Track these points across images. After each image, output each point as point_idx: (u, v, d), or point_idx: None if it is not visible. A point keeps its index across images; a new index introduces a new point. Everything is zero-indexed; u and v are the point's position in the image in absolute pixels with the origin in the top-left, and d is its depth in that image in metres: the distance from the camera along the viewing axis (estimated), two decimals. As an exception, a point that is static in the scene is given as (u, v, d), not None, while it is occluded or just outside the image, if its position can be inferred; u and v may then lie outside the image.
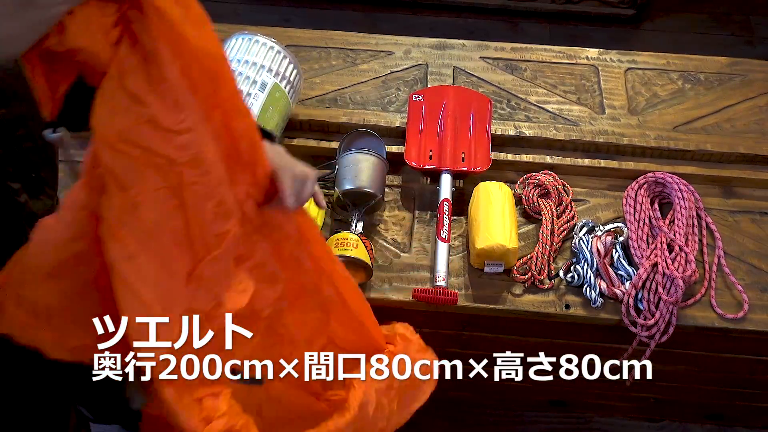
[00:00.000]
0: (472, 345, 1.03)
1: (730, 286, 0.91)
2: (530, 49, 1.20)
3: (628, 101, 1.11)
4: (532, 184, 0.98)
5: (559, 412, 1.29)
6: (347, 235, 0.88)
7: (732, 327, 0.88)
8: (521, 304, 0.89)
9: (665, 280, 0.87)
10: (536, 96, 1.12)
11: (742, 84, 1.15)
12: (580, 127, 1.07)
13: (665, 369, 1.03)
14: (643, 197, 0.96)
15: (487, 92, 1.12)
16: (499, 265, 0.90)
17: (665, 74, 1.16)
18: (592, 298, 0.88)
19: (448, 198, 0.94)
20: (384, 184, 0.96)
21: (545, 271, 0.91)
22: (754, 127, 1.08)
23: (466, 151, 1.00)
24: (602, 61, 1.18)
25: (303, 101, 1.09)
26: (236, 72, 0.94)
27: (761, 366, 1.00)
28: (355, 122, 1.06)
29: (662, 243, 0.90)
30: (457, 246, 0.95)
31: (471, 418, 1.32)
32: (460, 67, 1.16)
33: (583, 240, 0.91)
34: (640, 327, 0.87)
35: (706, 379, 1.06)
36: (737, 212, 0.99)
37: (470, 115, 1.04)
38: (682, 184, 0.96)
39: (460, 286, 0.90)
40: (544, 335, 0.98)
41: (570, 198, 0.98)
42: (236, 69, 0.94)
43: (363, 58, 1.17)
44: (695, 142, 1.05)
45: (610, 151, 1.05)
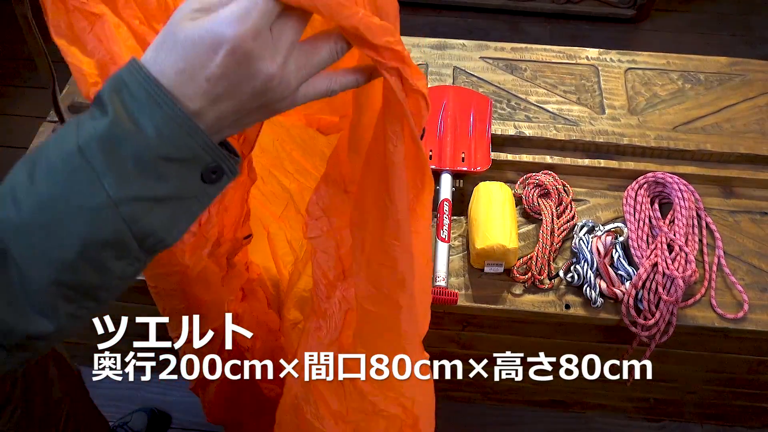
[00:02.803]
0: (472, 345, 1.03)
1: (730, 286, 0.91)
2: (530, 49, 1.20)
3: (628, 101, 1.11)
4: (532, 184, 0.98)
5: (559, 412, 1.29)
6: (347, 235, 0.88)
7: (732, 327, 0.88)
8: (521, 304, 0.89)
9: (665, 280, 0.87)
10: (536, 96, 1.12)
11: (742, 84, 1.15)
12: (580, 127, 1.07)
13: (665, 369, 1.03)
14: (643, 197, 0.96)
15: (487, 92, 1.12)
16: (499, 265, 0.90)
17: (665, 74, 1.16)
18: (592, 298, 0.88)
19: (448, 198, 0.94)
20: (384, 184, 0.96)
21: (545, 271, 0.91)
22: (754, 127, 1.08)
23: (466, 151, 1.00)
24: (602, 61, 1.18)
25: (303, 101, 1.09)
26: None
27: (761, 366, 1.00)
28: (355, 122, 1.06)
29: (662, 243, 0.90)
30: (457, 246, 0.95)
31: (471, 418, 1.32)
32: (460, 67, 1.16)
33: (583, 240, 0.91)
34: (640, 327, 0.87)
35: (706, 379, 1.06)
36: (737, 212, 0.99)
37: (470, 115, 1.04)
38: (682, 184, 0.96)
39: (460, 286, 0.90)
40: (544, 335, 0.98)
41: (570, 198, 0.98)
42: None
43: (363, 58, 1.17)
44: (695, 142, 1.05)
45: (610, 151, 1.05)
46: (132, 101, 0.40)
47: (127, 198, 0.40)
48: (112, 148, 0.40)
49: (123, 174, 0.40)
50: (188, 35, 0.39)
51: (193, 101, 0.40)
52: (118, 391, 1.21)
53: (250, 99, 0.42)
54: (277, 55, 0.41)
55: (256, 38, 0.40)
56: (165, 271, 0.69)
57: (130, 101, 0.40)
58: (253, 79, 0.41)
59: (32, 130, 1.06)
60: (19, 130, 1.96)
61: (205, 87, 0.40)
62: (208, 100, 0.41)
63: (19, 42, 0.90)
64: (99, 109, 0.40)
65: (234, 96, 0.41)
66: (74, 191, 0.40)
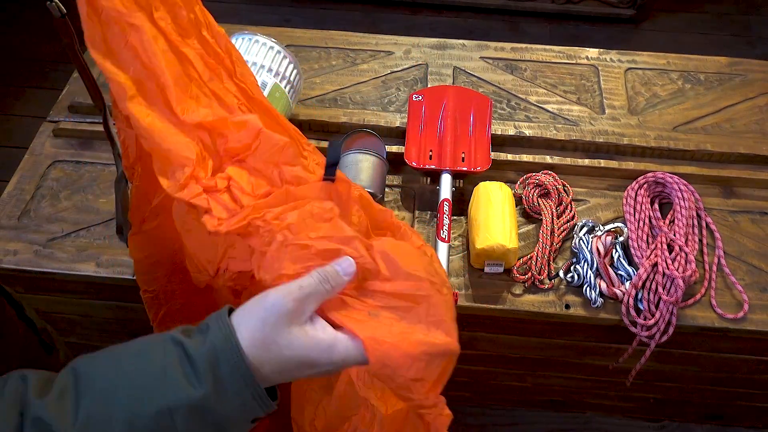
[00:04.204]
0: (472, 345, 1.03)
1: (730, 286, 0.91)
2: (530, 49, 1.20)
3: (628, 101, 1.11)
4: (532, 184, 0.98)
5: (559, 412, 1.29)
6: (347, 235, 0.88)
7: (732, 327, 0.88)
8: (521, 304, 0.89)
9: (665, 280, 0.87)
10: (536, 96, 1.12)
11: (742, 84, 1.15)
12: (580, 127, 1.07)
13: (665, 369, 1.03)
14: (643, 197, 0.96)
15: (487, 92, 1.12)
16: (499, 265, 0.90)
17: (665, 74, 1.16)
18: (592, 298, 0.88)
19: (448, 198, 0.94)
20: (384, 184, 0.96)
21: (545, 271, 0.91)
22: (754, 127, 1.08)
23: (466, 151, 1.00)
24: (602, 61, 1.18)
25: (303, 101, 1.09)
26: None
27: (761, 366, 1.00)
28: (355, 122, 1.06)
29: (662, 243, 0.90)
30: (457, 246, 0.95)
31: (471, 418, 1.32)
32: (460, 67, 1.16)
33: (583, 240, 0.91)
34: (640, 327, 0.87)
35: (706, 379, 1.06)
36: (737, 212, 0.99)
37: (470, 115, 1.04)
38: (682, 184, 0.96)
39: (460, 286, 0.90)
40: (544, 335, 0.98)
41: (570, 198, 0.98)
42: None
43: (363, 58, 1.17)
44: (695, 142, 1.05)
45: (610, 151, 1.05)
46: (227, 380, 0.47)
47: None
48: (199, 416, 0.46)
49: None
50: (294, 354, 0.49)
51: (272, 383, 0.51)
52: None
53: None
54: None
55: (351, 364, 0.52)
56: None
57: (226, 380, 0.47)
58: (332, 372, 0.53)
59: (32, 130, 1.06)
60: (19, 130, 1.96)
61: (288, 379, 0.51)
62: (285, 378, 0.51)
63: (19, 42, 0.91)
64: (194, 375, 0.47)
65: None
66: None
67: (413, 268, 0.54)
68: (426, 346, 0.50)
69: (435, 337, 0.51)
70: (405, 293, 0.53)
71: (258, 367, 0.48)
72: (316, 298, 0.51)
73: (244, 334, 0.49)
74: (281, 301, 0.49)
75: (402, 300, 0.53)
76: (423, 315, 0.52)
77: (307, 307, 0.51)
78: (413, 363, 0.50)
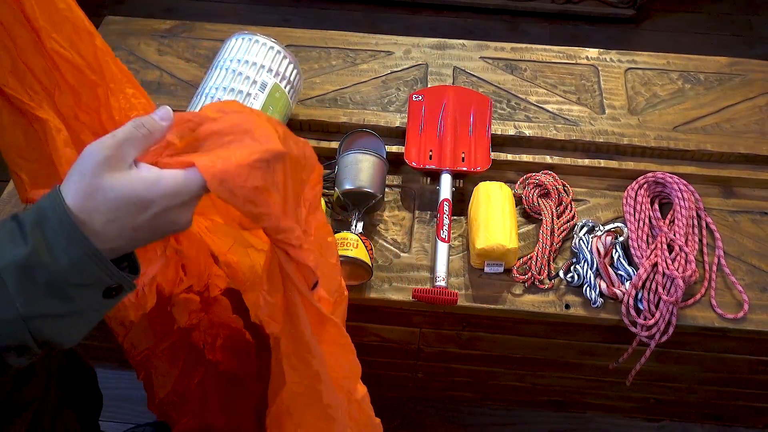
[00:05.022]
0: (472, 345, 1.03)
1: (730, 286, 0.91)
2: (530, 49, 1.20)
3: (628, 101, 1.11)
4: (532, 184, 0.98)
5: (559, 412, 1.29)
6: (347, 235, 0.88)
7: (732, 327, 0.88)
8: (521, 304, 0.89)
9: (665, 280, 0.87)
10: (536, 96, 1.12)
11: (742, 84, 1.15)
12: (580, 127, 1.07)
13: (665, 369, 1.03)
14: (643, 197, 0.96)
15: (487, 92, 1.12)
16: (499, 265, 0.90)
17: (665, 74, 1.16)
18: (592, 298, 0.88)
19: (448, 198, 0.94)
20: (384, 184, 0.96)
21: (545, 271, 0.91)
22: (754, 127, 1.08)
23: (466, 151, 1.00)
24: (602, 61, 1.18)
25: (303, 101, 1.09)
26: (236, 72, 0.94)
27: (761, 366, 1.00)
28: (355, 122, 1.06)
29: (662, 243, 0.90)
30: (457, 246, 0.95)
31: (471, 418, 1.32)
32: (460, 67, 1.16)
33: (583, 240, 0.91)
34: (640, 327, 0.87)
35: (706, 379, 1.06)
36: (737, 212, 0.99)
37: (470, 115, 1.04)
38: (682, 184, 0.96)
39: (460, 286, 0.90)
40: (544, 335, 0.98)
41: (570, 198, 0.98)
42: (236, 69, 0.94)
43: (363, 58, 1.17)
44: (695, 142, 1.05)
45: (610, 151, 1.05)
46: (52, 235, 0.47)
47: (34, 315, 0.47)
48: (28, 274, 0.46)
49: (34, 296, 0.47)
50: (120, 194, 0.48)
51: (112, 242, 0.49)
52: (123, 391, 1.21)
53: (159, 237, 0.53)
54: (191, 212, 0.53)
55: (181, 208, 0.51)
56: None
57: (51, 235, 0.47)
58: (170, 229, 0.53)
59: (32, 130, 1.06)
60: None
61: (129, 234, 0.50)
62: (126, 240, 0.50)
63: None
64: (20, 235, 0.47)
65: (148, 239, 0.52)
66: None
67: (240, 108, 0.57)
68: (258, 153, 0.52)
69: (264, 145, 0.53)
70: (234, 125, 0.54)
71: (87, 221, 0.48)
72: (134, 143, 0.51)
73: (66, 190, 0.49)
74: (95, 149, 0.49)
75: (232, 135, 0.54)
76: (253, 136, 0.54)
77: (126, 152, 0.50)
78: (250, 172, 0.51)
